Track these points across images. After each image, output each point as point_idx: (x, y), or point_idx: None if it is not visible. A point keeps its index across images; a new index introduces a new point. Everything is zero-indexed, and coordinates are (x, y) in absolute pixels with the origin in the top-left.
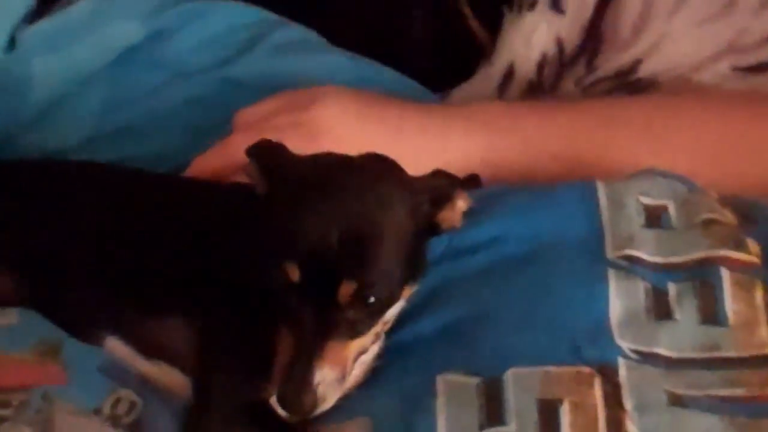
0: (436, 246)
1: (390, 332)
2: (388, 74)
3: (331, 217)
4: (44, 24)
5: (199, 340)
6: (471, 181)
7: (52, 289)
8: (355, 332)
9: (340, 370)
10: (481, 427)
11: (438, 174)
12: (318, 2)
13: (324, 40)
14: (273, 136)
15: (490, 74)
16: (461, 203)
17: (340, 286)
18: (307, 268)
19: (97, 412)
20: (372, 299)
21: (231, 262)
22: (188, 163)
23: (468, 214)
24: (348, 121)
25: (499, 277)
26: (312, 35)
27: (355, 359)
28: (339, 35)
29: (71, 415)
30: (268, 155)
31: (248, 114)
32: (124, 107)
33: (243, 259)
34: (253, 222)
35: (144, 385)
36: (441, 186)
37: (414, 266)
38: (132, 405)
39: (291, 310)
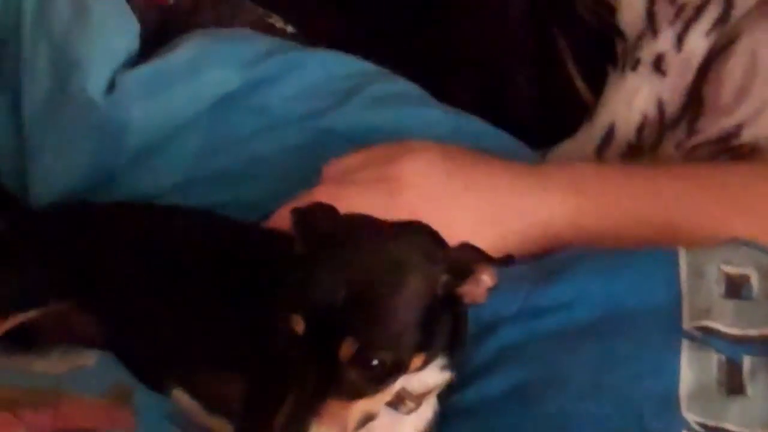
0: (510, 305)
1: (449, 394)
2: (486, 129)
3: (341, 275)
4: (144, 69)
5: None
6: (501, 260)
7: (124, 336)
8: (358, 393)
9: (339, 429)
10: None
11: (465, 247)
12: (423, 56)
13: (425, 94)
14: (355, 191)
15: (590, 134)
16: (486, 279)
17: (342, 344)
18: (312, 321)
19: None
20: (375, 362)
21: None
22: None
23: (495, 289)
24: (433, 178)
25: (570, 341)
26: (412, 88)
27: (361, 422)
28: (443, 91)
29: None
30: (311, 216)
31: (335, 166)
32: (219, 153)
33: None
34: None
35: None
36: (464, 259)
37: (429, 336)
38: None
39: (295, 364)
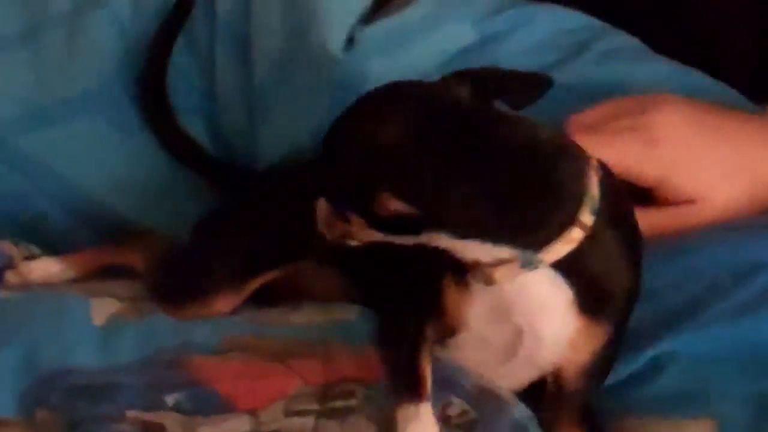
0: None
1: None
2: (713, 85)
3: None
4: (381, 25)
5: None
6: None
7: (374, 293)
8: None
9: None
10: None
11: None
12: (637, 9)
13: (647, 48)
14: (611, 139)
15: None
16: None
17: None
18: None
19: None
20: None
21: None
22: None
23: None
24: (686, 129)
25: None
26: (635, 42)
27: None
28: (658, 42)
29: None
30: None
31: (584, 117)
32: None
33: None
34: None
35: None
36: None
37: None
38: (464, 412)
39: None
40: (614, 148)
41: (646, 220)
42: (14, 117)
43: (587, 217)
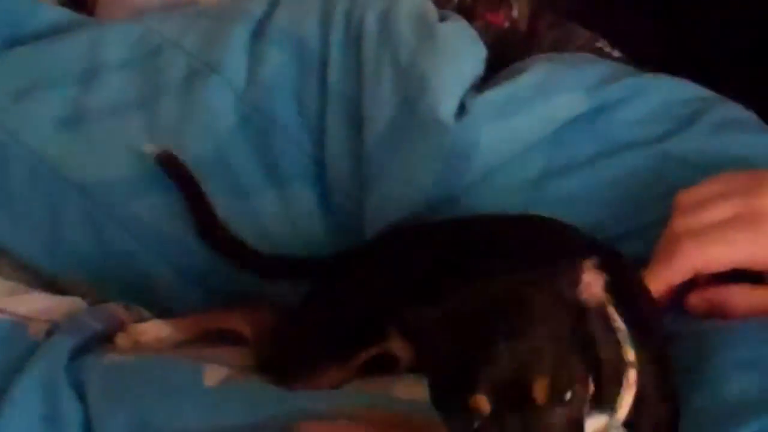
0: None
1: None
2: None
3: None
4: (494, 93)
5: None
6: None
7: None
8: None
9: None
10: None
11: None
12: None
13: (759, 120)
14: (717, 237)
15: None
16: (589, 275)
17: (534, 386)
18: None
19: None
20: (568, 394)
21: None
22: (621, 235)
23: None
24: None
25: None
26: (750, 115)
27: None
28: None
29: None
30: None
31: (692, 195)
32: (561, 176)
33: None
34: None
35: None
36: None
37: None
38: None
39: None
40: (722, 244)
41: (757, 298)
42: (127, 179)
43: (630, 353)
